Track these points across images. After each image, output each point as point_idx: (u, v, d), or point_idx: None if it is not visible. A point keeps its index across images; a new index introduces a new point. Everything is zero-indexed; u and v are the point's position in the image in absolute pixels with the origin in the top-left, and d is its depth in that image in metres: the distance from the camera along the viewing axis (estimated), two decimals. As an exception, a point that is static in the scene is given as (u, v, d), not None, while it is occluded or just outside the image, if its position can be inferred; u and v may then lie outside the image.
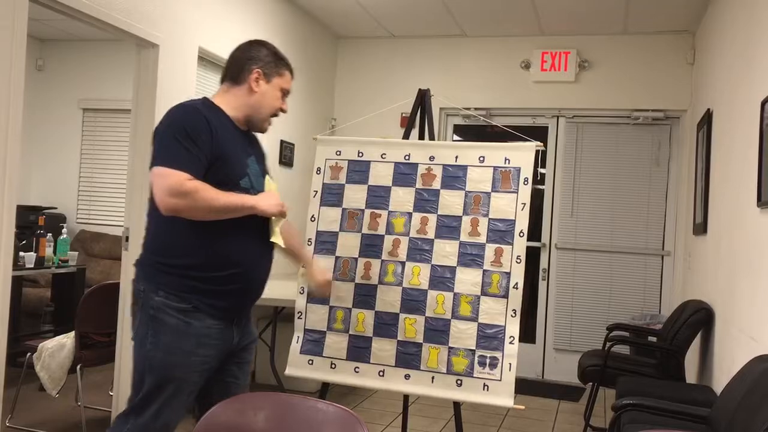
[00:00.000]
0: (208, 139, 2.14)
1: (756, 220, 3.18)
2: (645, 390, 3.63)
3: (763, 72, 3.22)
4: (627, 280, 5.85)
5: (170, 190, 2.06)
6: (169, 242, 2.20)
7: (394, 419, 4.48)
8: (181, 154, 2.09)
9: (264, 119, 2.38)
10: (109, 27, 3.60)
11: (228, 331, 2.28)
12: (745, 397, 2.52)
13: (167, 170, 2.07)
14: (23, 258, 4.65)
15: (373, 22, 5.93)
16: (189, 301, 2.17)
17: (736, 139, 3.74)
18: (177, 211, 2.09)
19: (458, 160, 3.05)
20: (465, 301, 2.89)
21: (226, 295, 2.23)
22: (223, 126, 2.24)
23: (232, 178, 2.21)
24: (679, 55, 5.68)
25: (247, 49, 2.37)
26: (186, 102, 2.27)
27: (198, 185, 2.08)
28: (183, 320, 2.16)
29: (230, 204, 2.14)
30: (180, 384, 2.18)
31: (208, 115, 2.20)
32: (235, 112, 2.32)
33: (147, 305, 2.18)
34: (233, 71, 2.35)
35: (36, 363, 3.80)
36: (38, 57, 7.01)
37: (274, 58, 2.37)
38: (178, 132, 2.12)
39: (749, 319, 3.21)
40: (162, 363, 2.16)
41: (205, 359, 2.21)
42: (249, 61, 2.33)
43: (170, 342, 2.16)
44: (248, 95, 2.32)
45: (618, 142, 5.94)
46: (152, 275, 2.21)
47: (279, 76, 2.37)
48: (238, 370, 2.38)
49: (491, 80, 6.12)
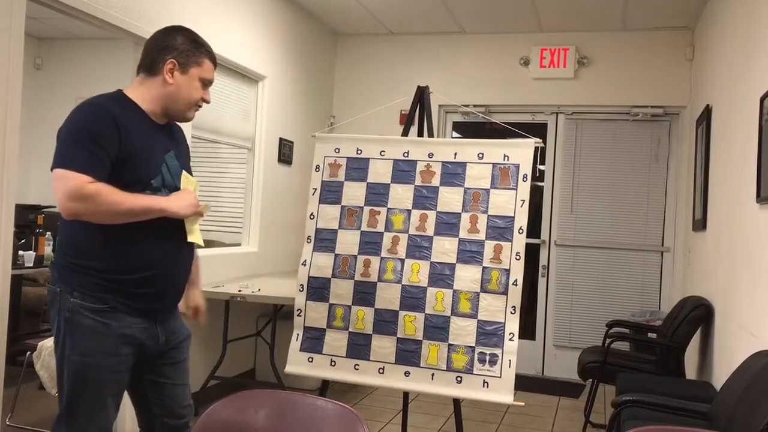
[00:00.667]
0: (114, 140, 2.03)
1: (755, 215, 3.18)
2: (645, 386, 3.64)
3: (762, 68, 3.22)
4: (627, 277, 5.85)
5: (70, 194, 1.97)
6: (80, 244, 2.11)
7: (394, 416, 4.48)
8: (83, 155, 1.99)
9: (183, 110, 2.23)
10: (107, 25, 3.59)
11: (151, 329, 2.19)
12: (745, 392, 2.52)
13: (67, 172, 1.98)
14: (22, 257, 4.65)
15: (372, 19, 5.92)
16: (105, 301, 2.09)
17: (736, 135, 3.74)
18: (78, 215, 2.01)
19: (457, 157, 3.04)
20: (464, 298, 2.89)
21: (142, 297, 2.15)
22: (136, 122, 2.13)
23: (142, 177, 2.11)
24: (678, 52, 5.67)
25: (160, 38, 2.22)
26: (93, 99, 2.14)
27: (100, 188, 1.98)
28: (100, 321, 2.08)
29: (136, 207, 2.05)
30: (101, 385, 2.12)
31: (117, 112, 2.09)
32: (151, 105, 2.19)
33: (63, 307, 2.10)
34: (147, 62, 2.20)
35: (36, 362, 3.79)
36: (36, 55, 7.00)
37: (191, 46, 2.21)
38: (80, 132, 2.03)
39: (749, 315, 3.21)
40: (81, 366, 2.09)
41: (126, 358, 2.14)
42: (162, 51, 2.18)
43: (88, 344, 2.08)
44: (162, 87, 2.18)
45: (617, 138, 5.93)
46: (67, 276, 2.12)
47: (197, 66, 2.22)
48: (172, 370, 2.30)
49: (490, 77, 6.11)
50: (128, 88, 2.23)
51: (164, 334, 2.24)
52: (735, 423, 2.44)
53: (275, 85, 5.31)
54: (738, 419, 2.44)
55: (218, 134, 4.76)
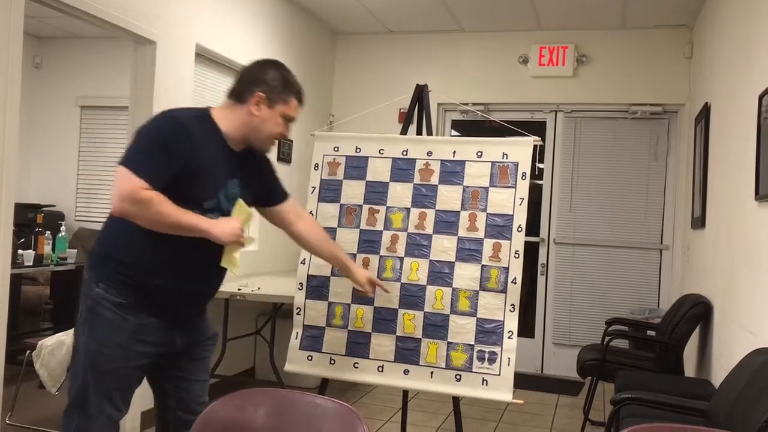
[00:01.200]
0: (181, 156, 2.10)
1: (754, 213, 3.18)
2: (644, 384, 3.64)
3: (760, 66, 3.22)
4: (626, 275, 5.86)
5: (124, 195, 2.03)
6: (120, 239, 2.19)
7: (394, 414, 4.49)
8: (148, 162, 2.06)
9: (262, 142, 2.32)
10: (106, 24, 3.59)
11: (169, 332, 2.25)
12: (744, 390, 2.53)
13: (129, 174, 2.04)
14: (22, 256, 4.65)
15: (371, 18, 5.92)
16: (126, 296, 2.16)
17: (734, 133, 3.74)
18: (126, 216, 2.07)
19: (456, 156, 3.05)
20: (463, 296, 2.89)
21: (162, 302, 2.21)
22: (209, 144, 2.19)
23: (196, 197, 2.16)
24: (677, 50, 5.67)
25: (254, 70, 2.30)
26: (179, 112, 2.21)
27: (153, 196, 2.04)
28: (119, 314, 2.15)
29: (182, 223, 2.10)
30: (114, 377, 2.17)
31: (195, 131, 2.14)
32: (232, 130, 2.26)
33: (87, 296, 2.19)
34: (237, 90, 2.28)
35: (35, 361, 3.79)
36: (35, 54, 7.00)
37: (281, 83, 2.28)
38: (153, 140, 2.10)
39: (747, 313, 3.21)
40: (97, 355, 2.15)
41: (139, 355, 2.19)
42: (253, 83, 2.25)
43: (105, 335, 2.15)
44: (247, 117, 2.25)
45: (616, 136, 5.94)
46: (97, 266, 2.21)
47: (283, 103, 2.28)
48: (190, 365, 2.35)
49: (489, 75, 6.11)
50: (215, 109, 2.29)
51: (183, 337, 2.30)
52: (734, 420, 2.44)
53: (274, 83, 5.30)
54: (737, 417, 2.45)
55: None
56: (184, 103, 4.18)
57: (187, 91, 4.23)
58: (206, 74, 4.60)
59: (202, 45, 4.38)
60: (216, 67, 4.71)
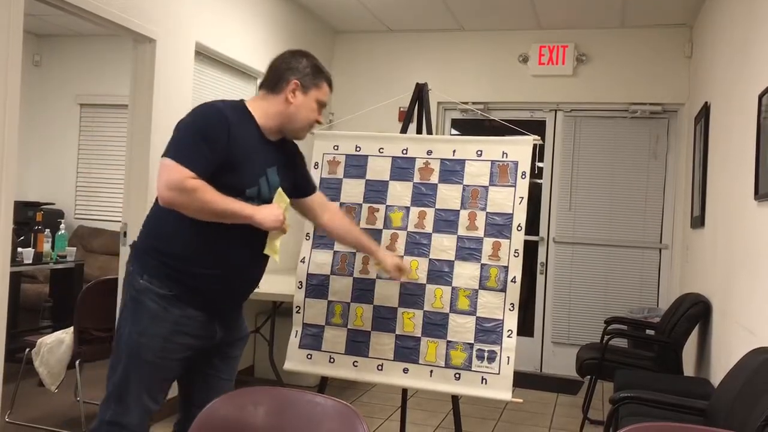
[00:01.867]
0: (224, 144, 2.15)
1: (753, 213, 3.18)
2: (643, 383, 3.64)
3: (760, 65, 3.22)
4: (625, 274, 5.86)
5: (171, 184, 2.08)
6: (164, 229, 2.23)
7: (393, 413, 4.49)
8: (192, 151, 2.11)
9: (299, 129, 2.39)
10: (105, 22, 3.59)
11: (210, 324, 2.29)
12: (743, 389, 2.53)
13: (174, 164, 2.09)
14: (21, 254, 4.65)
15: (371, 17, 5.92)
16: (170, 288, 2.19)
17: (734, 133, 3.74)
18: (173, 205, 2.11)
19: (456, 154, 3.05)
20: (463, 295, 2.89)
21: (207, 293, 2.25)
22: (247, 133, 2.25)
23: (238, 185, 2.21)
24: (677, 49, 5.67)
25: (287, 60, 2.39)
26: (216, 102, 2.27)
27: (199, 185, 2.09)
28: (162, 306, 2.19)
29: (227, 210, 2.15)
30: (153, 368, 2.20)
31: (234, 120, 2.20)
32: (268, 120, 2.32)
33: (131, 286, 2.23)
34: (272, 80, 2.36)
35: (35, 358, 3.80)
36: (35, 52, 6.99)
37: (313, 70, 2.38)
38: (196, 130, 2.15)
39: (747, 312, 3.22)
40: (139, 346, 2.18)
41: (181, 347, 2.23)
42: (288, 72, 2.34)
43: (148, 326, 2.19)
44: (284, 105, 2.33)
45: (616, 135, 5.94)
46: (141, 258, 2.25)
47: (316, 88, 2.37)
48: (221, 363, 2.40)
49: (489, 74, 6.11)
50: (250, 100, 2.36)
51: (222, 331, 2.34)
52: (733, 420, 2.45)
53: (274, 82, 5.30)
54: (736, 416, 2.45)
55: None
56: (184, 101, 4.18)
57: (187, 89, 4.23)
58: (206, 72, 4.59)
59: (201, 43, 4.38)
60: (216, 66, 4.71)
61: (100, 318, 3.87)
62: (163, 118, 3.97)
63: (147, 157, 3.86)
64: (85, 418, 3.82)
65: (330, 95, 2.45)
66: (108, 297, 3.86)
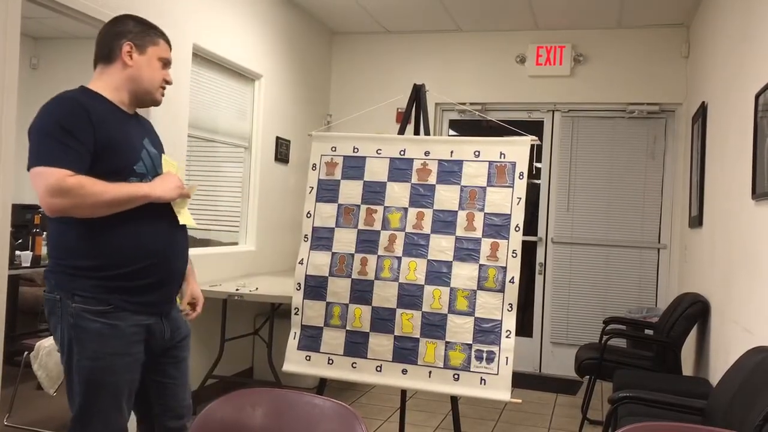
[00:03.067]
0: (89, 130, 2.00)
1: (751, 212, 3.19)
2: (642, 383, 3.64)
3: (757, 65, 3.23)
4: (623, 274, 5.87)
5: (52, 190, 1.91)
6: (72, 244, 2.06)
7: (392, 414, 4.49)
8: (59, 149, 1.95)
9: (150, 91, 2.23)
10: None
11: (157, 324, 2.18)
12: (741, 388, 2.53)
13: (45, 169, 1.93)
14: (19, 257, 4.64)
15: (369, 18, 5.93)
16: (108, 302, 2.05)
17: (731, 132, 3.75)
18: (62, 211, 1.96)
19: (454, 155, 3.05)
20: (461, 295, 2.89)
21: (144, 289, 2.11)
22: (106, 112, 2.10)
23: (125, 165, 2.08)
24: (674, 49, 5.68)
25: (112, 26, 2.23)
26: (61, 94, 2.12)
27: (81, 180, 1.94)
28: (106, 323, 2.04)
29: (121, 196, 2.00)
30: (114, 387, 2.08)
31: (87, 104, 2.06)
32: (117, 93, 2.18)
33: (65, 313, 2.05)
34: (103, 51, 2.21)
35: (33, 362, 3.79)
36: (32, 55, 6.99)
37: (143, 28, 2.22)
38: (53, 127, 1.99)
39: (745, 312, 3.22)
40: (92, 370, 2.05)
41: (136, 357, 2.12)
42: (117, 36, 2.19)
43: (96, 348, 2.04)
44: (123, 70, 2.17)
45: (613, 135, 5.94)
46: (64, 281, 2.06)
47: (153, 45, 2.22)
48: (174, 369, 2.28)
49: (486, 75, 6.12)
50: (89, 83, 2.20)
51: (169, 329, 2.23)
52: (731, 419, 2.45)
53: (272, 83, 5.31)
54: (734, 415, 2.45)
55: (215, 133, 4.75)
56: (181, 103, 4.18)
57: (184, 91, 4.23)
58: (203, 74, 4.59)
59: (199, 45, 4.38)
60: (213, 67, 4.71)
61: (98, 320, 3.86)
62: (161, 120, 3.97)
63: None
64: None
65: (170, 51, 2.29)
66: (106, 299, 3.85)
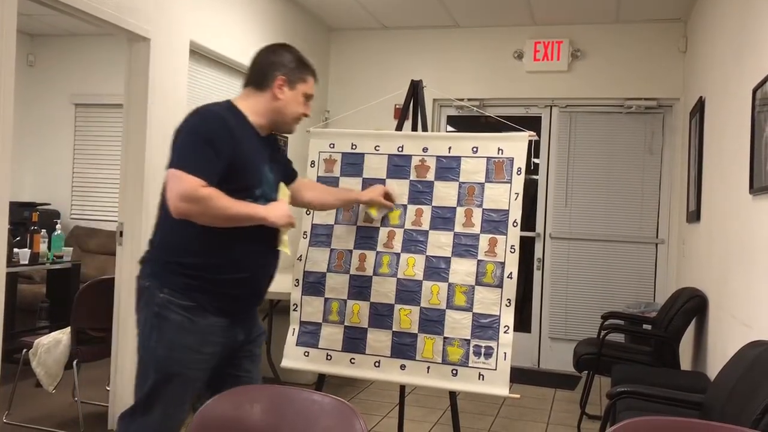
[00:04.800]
0: (228, 148, 2.14)
1: (748, 207, 3.19)
2: (640, 377, 3.65)
3: (754, 59, 3.23)
4: (621, 269, 5.87)
5: (183, 195, 2.06)
6: (179, 242, 2.20)
7: (391, 410, 4.50)
8: (199, 159, 2.09)
9: (288, 123, 2.40)
10: (99, 21, 3.58)
11: (231, 329, 2.29)
12: (738, 382, 2.54)
13: (183, 174, 2.07)
14: (18, 254, 4.64)
15: (366, 14, 5.92)
16: (193, 299, 2.18)
17: (729, 127, 3.75)
18: (187, 216, 2.10)
19: (452, 151, 3.04)
20: (460, 291, 2.89)
21: (230, 298, 2.25)
22: (244, 133, 2.24)
23: (247, 186, 2.22)
24: (672, 44, 5.68)
25: (270, 55, 2.37)
26: (210, 106, 2.25)
27: (211, 193, 2.08)
28: (187, 317, 2.17)
29: (241, 214, 2.16)
30: (183, 381, 2.20)
31: (231, 122, 2.20)
32: (258, 117, 2.32)
33: (152, 302, 2.19)
34: (257, 77, 2.34)
35: (32, 359, 3.79)
36: (29, 52, 6.97)
37: (297, 64, 2.37)
38: (198, 137, 2.13)
39: (742, 306, 3.23)
40: (166, 359, 2.17)
41: (207, 357, 2.23)
42: (272, 67, 2.33)
43: (174, 339, 2.17)
44: (272, 102, 2.32)
45: (611, 131, 5.94)
46: (158, 273, 2.21)
47: (302, 82, 2.37)
48: (249, 363, 2.41)
49: (484, 71, 6.11)
50: (237, 99, 2.34)
51: (243, 333, 2.35)
52: (728, 413, 2.46)
53: (269, 80, 5.29)
54: (732, 409, 2.46)
55: (212, 130, 4.75)
56: (179, 100, 4.17)
57: (182, 88, 4.23)
58: (201, 71, 4.59)
59: (196, 42, 4.37)
60: (210, 64, 4.70)
61: (97, 318, 3.87)
62: (158, 117, 3.97)
63: (142, 156, 3.86)
64: (83, 418, 3.82)
65: (315, 87, 2.46)
66: (105, 297, 3.86)
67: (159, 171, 3.92)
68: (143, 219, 3.84)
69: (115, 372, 3.88)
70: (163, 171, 2.13)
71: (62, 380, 3.83)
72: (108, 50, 6.57)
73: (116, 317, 3.85)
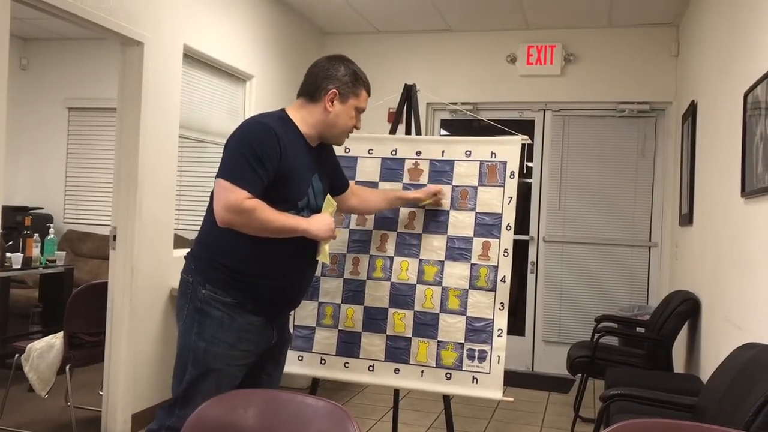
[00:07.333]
0: (276, 160, 2.19)
1: (740, 210, 3.21)
2: (633, 380, 3.66)
3: (746, 63, 3.25)
4: (615, 272, 5.89)
5: (229, 206, 2.12)
6: (224, 245, 2.27)
7: (385, 414, 4.49)
8: (246, 171, 2.14)
9: (338, 135, 2.44)
10: (93, 25, 3.58)
11: (267, 329, 2.37)
12: (731, 385, 2.55)
13: (230, 185, 2.13)
14: (10, 259, 4.63)
15: (359, 18, 5.93)
16: (234, 296, 2.26)
17: (721, 131, 3.77)
18: (232, 226, 2.16)
19: (445, 155, 3.05)
20: (453, 294, 2.90)
21: (265, 301, 2.33)
22: (294, 143, 2.28)
23: (291, 197, 2.28)
24: (664, 48, 5.71)
25: (325, 67, 2.40)
26: (263, 118, 2.29)
27: (256, 205, 2.14)
28: (227, 313, 2.25)
29: (284, 226, 2.22)
30: (221, 376, 2.26)
31: (281, 133, 2.23)
32: (309, 128, 2.36)
33: (194, 297, 2.26)
34: (309, 88, 2.38)
35: (25, 364, 3.78)
36: (22, 56, 6.96)
37: (351, 78, 2.41)
38: (247, 149, 2.16)
39: (735, 308, 3.24)
40: (205, 354, 2.24)
41: (244, 353, 2.30)
42: (326, 80, 2.36)
43: (214, 334, 2.25)
44: (323, 114, 2.36)
45: (604, 134, 5.97)
46: (203, 270, 2.28)
47: (354, 97, 2.42)
48: (272, 367, 2.48)
49: (477, 75, 6.13)
50: (290, 109, 2.39)
51: (276, 335, 2.42)
52: (721, 415, 2.46)
53: (263, 84, 5.30)
54: (724, 411, 2.46)
55: (206, 134, 4.75)
56: (172, 104, 4.17)
57: (176, 92, 4.22)
58: (194, 75, 4.59)
59: (189, 46, 4.37)
60: (204, 68, 4.70)
61: (90, 322, 3.86)
62: (152, 121, 3.96)
63: (136, 160, 3.85)
64: (76, 423, 3.81)
65: (367, 101, 2.50)
66: (98, 301, 3.85)
67: (152, 175, 3.92)
68: (136, 223, 3.84)
69: (108, 377, 3.86)
70: (157, 175, 2.15)
71: (55, 385, 3.82)
72: (101, 54, 6.56)
73: (109, 321, 3.84)
